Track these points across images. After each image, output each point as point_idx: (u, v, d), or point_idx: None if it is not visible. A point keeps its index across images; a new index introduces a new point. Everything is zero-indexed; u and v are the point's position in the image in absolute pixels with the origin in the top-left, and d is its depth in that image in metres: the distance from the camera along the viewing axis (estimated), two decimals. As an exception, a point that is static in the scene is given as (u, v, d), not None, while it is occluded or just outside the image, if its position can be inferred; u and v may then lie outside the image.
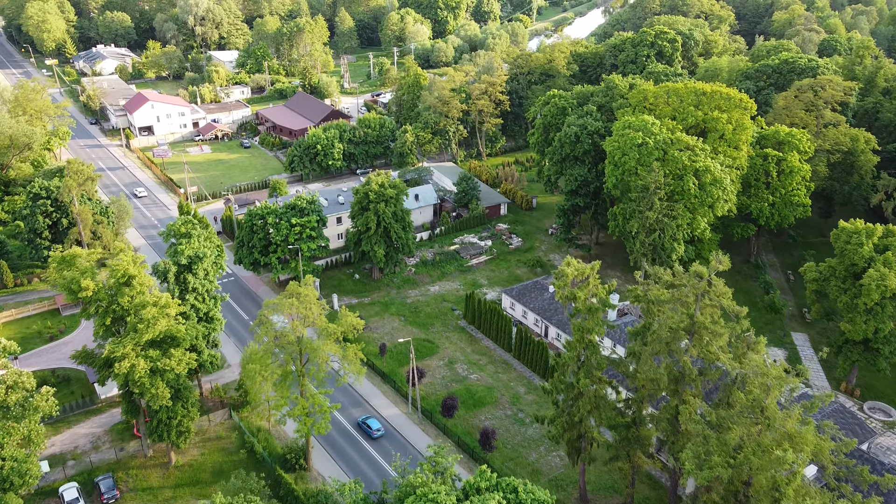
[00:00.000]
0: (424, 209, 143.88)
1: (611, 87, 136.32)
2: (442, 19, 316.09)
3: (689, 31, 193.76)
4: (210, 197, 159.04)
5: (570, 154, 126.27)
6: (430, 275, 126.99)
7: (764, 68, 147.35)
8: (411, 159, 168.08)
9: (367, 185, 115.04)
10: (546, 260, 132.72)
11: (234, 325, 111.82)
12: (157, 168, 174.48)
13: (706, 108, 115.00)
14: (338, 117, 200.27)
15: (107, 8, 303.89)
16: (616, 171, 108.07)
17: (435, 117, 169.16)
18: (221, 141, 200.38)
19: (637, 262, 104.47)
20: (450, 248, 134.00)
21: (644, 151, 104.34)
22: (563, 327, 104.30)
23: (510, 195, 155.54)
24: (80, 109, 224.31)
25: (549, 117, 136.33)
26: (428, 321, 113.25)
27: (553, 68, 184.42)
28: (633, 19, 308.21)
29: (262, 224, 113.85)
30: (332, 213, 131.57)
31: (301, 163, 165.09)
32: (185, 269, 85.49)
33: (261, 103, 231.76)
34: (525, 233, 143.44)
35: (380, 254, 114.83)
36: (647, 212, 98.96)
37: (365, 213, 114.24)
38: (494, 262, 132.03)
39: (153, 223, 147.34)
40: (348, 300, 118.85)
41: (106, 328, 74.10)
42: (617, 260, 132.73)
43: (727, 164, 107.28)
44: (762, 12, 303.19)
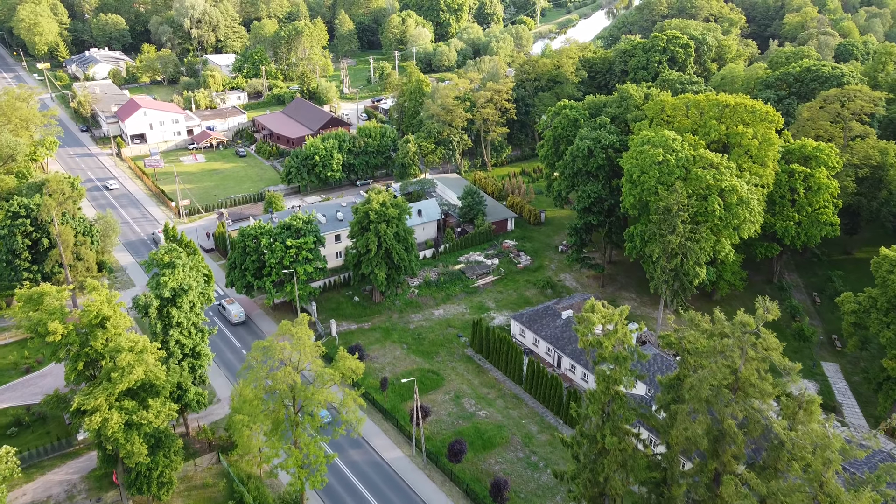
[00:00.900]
0: (428, 225, 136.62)
1: (625, 97, 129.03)
2: (444, 22, 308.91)
3: (702, 36, 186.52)
4: (203, 210, 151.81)
5: (583, 169, 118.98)
6: (434, 297, 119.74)
7: (785, 76, 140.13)
8: (413, 170, 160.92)
9: (368, 203, 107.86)
10: (556, 280, 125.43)
11: (224, 353, 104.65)
12: (149, 179, 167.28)
13: (729, 121, 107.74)
14: (337, 125, 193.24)
15: (101, 10, 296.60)
16: (634, 189, 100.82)
17: (438, 126, 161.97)
18: (216, 149, 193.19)
19: (657, 288, 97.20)
20: (455, 268, 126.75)
21: (665, 169, 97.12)
22: (578, 358, 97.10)
23: (517, 209, 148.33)
24: (71, 116, 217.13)
25: (560, 129, 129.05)
26: (432, 349, 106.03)
27: (561, 74, 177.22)
28: (641, 22, 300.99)
29: (256, 245, 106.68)
30: (330, 231, 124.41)
31: (298, 174, 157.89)
32: (169, 303, 78.25)
33: (258, 109, 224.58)
34: (533, 250, 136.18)
35: (381, 277, 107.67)
36: (669, 235, 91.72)
37: (365, 234, 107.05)
38: (502, 283, 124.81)
39: (142, 239, 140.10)
40: (347, 325, 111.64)
41: (78, 373, 66.94)
42: (631, 280, 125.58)
43: (753, 183, 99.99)
44: (772, 14, 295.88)
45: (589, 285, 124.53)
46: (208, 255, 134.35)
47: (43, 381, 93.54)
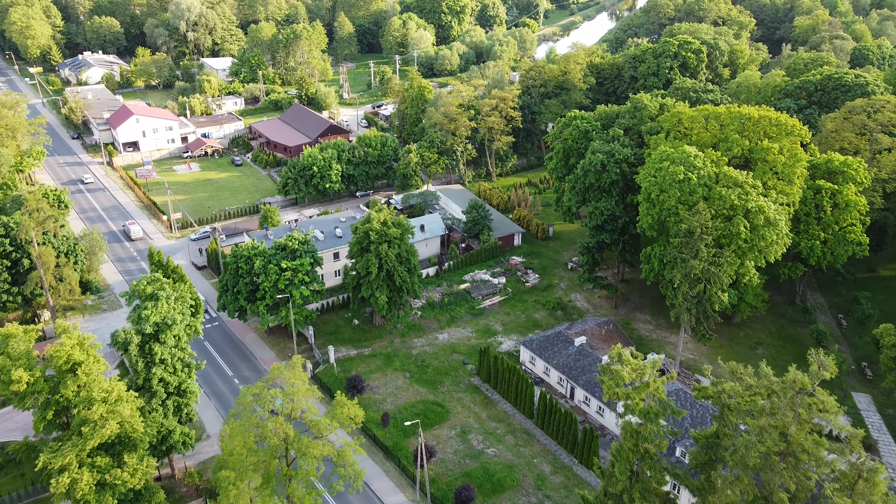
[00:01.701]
0: (431, 241, 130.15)
1: (638, 107, 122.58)
2: (446, 24, 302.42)
3: (714, 41, 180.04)
4: (195, 224, 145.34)
5: (595, 184, 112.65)
6: (438, 319, 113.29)
7: (805, 85, 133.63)
8: (415, 181, 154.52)
9: (367, 222, 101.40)
10: (567, 301, 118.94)
11: (215, 382, 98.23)
12: (140, 190, 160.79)
13: (752, 135, 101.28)
14: (336, 132, 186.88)
15: (95, 12, 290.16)
16: (652, 209, 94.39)
17: (441, 136, 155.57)
18: (211, 158, 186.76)
19: (679, 317, 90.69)
20: (459, 288, 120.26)
21: (686, 189, 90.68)
22: (593, 389, 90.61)
23: (524, 223, 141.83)
24: (62, 122, 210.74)
25: (570, 141, 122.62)
26: (437, 378, 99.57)
27: (568, 81, 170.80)
28: (647, 24, 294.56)
29: (249, 267, 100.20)
30: (328, 249, 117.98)
31: (296, 185, 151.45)
32: (151, 338, 71.81)
33: (255, 115, 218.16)
34: (542, 267, 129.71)
35: (382, 300, 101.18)
36: (692, 260, 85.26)
37: (365, 255, 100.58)
38: (509, 304, 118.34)
39: (132, 255, 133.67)
40: (346, 351, 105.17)
41: (48, 422, 60.54)
42: (645, 300, 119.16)
43: (780, 202, 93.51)
44: (781, 17, 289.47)
45: (601, 306, 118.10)
46: (200, 273, 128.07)
47: (18, 416, 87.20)
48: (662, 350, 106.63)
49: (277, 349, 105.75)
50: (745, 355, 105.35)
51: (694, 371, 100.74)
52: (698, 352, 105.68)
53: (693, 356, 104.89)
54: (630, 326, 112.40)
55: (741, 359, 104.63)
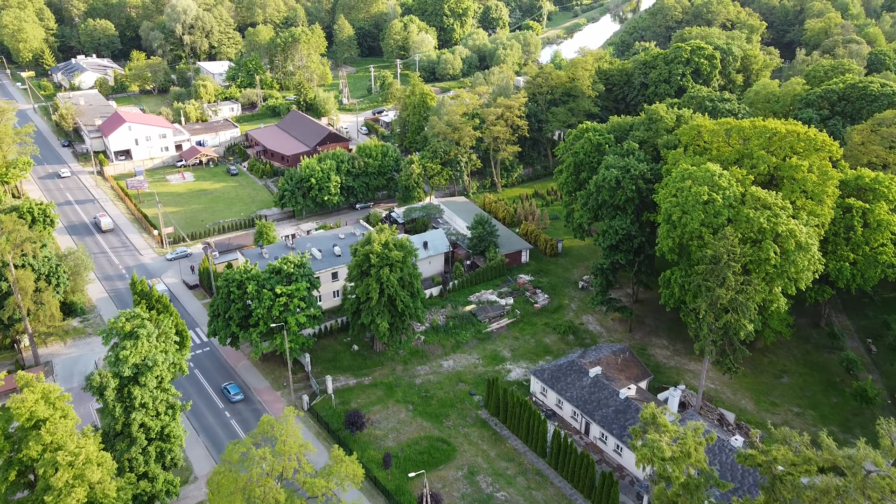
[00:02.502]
0: (434, 259, 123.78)
1: (654, 119, 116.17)
2: (448, 27, 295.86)
3: (727, 46, 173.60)
4: (187, 238, 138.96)
5: (609, 201, 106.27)
6: (443, 345, 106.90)
7: (827, 94, 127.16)
8: (418, 193, 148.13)
9: (368, 244, 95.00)
10: (578, 324, 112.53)
11: (204, 415, 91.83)
12: (132, 201, 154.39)
13: (779, 151, 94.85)
14: (335, 140, 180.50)
15: (90, 15, 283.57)
16: (673, 232, 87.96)
17: (445, 145, 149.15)
18: (206, 167, 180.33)
19: (703, 349, 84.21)
20: (465, 310, 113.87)
21: (710, 211, 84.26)
22: (609, 426, 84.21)
23: (531, 238, 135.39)
24: (53, 129, 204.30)
25: (582, 154, 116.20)
26: (441, 411, 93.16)
27: (576, 88, 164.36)
28: (653, 27, 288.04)
29: (241, 292, 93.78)
30: (326, 269, 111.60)
31: (293, 198, 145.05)
32: (130, 381, 65.46)
33: (252, 122, 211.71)
34: (551, 286, 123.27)
35: (383, 327, 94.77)
36: (718, 289, 78.82)
37: (365, 280, 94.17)
38: (518, 327, 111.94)
39: (121, 273, 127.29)
40: (345, 381, 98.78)
41: (11, 483, 54.16)
42: (661, 323, 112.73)
43: (812, 224, 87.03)
44: (791, 20, 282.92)
45: (615, 329, 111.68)
46: (192, 292, 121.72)
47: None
48: (681, 378, 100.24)
49: (272, 378, 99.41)
50: (769, 385, 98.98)
51: (717, 404, 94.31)
52: (720, 380, 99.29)
53: (714, 385, 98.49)
54: (646, 352, 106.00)
55: (765, 388, 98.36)
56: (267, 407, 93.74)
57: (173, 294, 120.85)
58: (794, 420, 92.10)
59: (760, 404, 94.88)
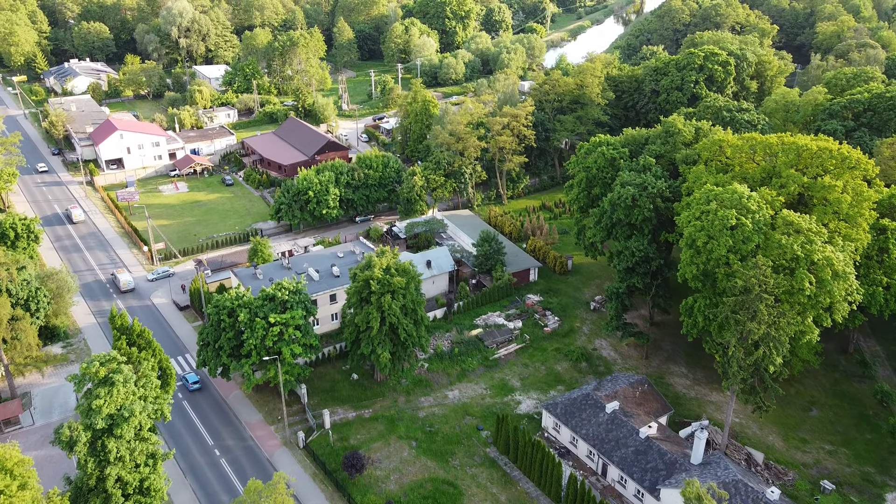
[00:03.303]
0: (438, 278, 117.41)
1: (671, 132, 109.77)
2: (450, 30, 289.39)
3: (741, 51, 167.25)
4: (179, 254, 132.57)
5: (625, 220, 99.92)
6: (448, 373, 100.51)
7: (852, 104, 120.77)
8: (420, 206, 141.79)
9: (368, 268, 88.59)
10: (591, 350, 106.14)
11: (192, 454, 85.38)
12: (122, 214, 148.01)
13: (810, 169, 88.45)
14: (335, 149, 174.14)
15: (84, 17, 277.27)
16: (697, 258, 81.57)
17: (448, 156, 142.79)
18: (201, 176, 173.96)
19: (732, 387, 77.79)
20: (471, 334, 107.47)
21: (739, 236, 77.89)
22: (629, 468, 77.87)
23: (540, 254, 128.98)
24: (43, 136, 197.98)
25: (595, 169, 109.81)
26: (447, 448, 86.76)
27: (585, 96, 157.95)
28: (660, 30, 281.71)
29: (232, 321, 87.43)
30: (323, 291, 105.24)
31: (289, 211, 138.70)
32: (105, 433, 59.10)
33: (248, 129, 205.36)
34: (561, 307, 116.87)
35: (384, 358, 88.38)
36: (750, 323, 72.42)
37: (365, 308, 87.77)
38: (527, 353, 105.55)
39: (108, 292, 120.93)
40: (344, 413, 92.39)
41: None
42: (679, 348, 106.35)
43: (847, 250, 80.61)
44: (801, 23, 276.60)
45: (630, 356, 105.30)
46: (182, 314, 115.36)
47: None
48: (703, 410, 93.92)
49: (265, 411, 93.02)
50: (797, 418, 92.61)
51: (743, 440, 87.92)
52: (744, 413, 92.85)
53: (739, 419, 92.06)
54: (664, 381, 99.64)
55: (794, 422, 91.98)
56: (260, 444, 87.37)
57: (162, 315, 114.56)
58: (826, 459, 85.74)
59: (789, 441, 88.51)
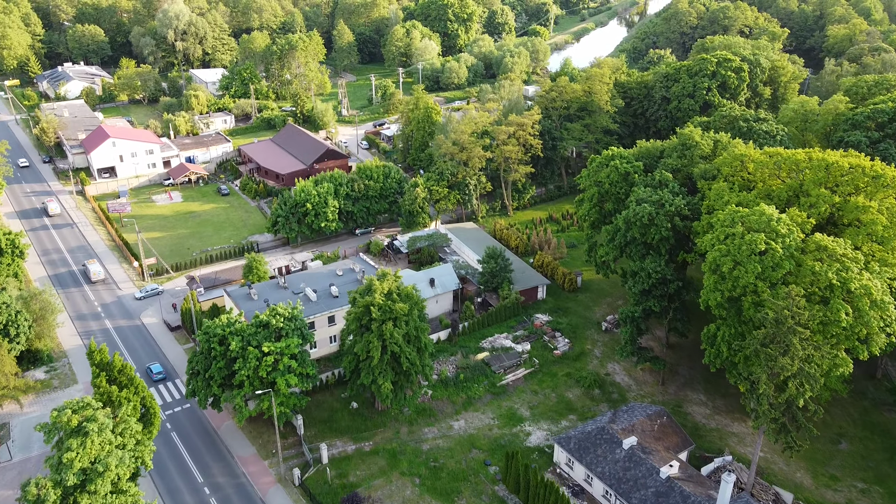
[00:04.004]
0: (442, 297, 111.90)
1: (688, 144, 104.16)
2: (452, 33, 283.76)
3: (754, 57, 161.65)
4: (170, 270, 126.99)
5: (640, 239, 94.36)
6: (453, 401, 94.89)
7: (876, 114, 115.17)
8: (422, 219, 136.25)
9: (369, 293, 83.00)
10: (604, 375, 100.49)
11: (179, 491, 79.84)
12: (113, 226, 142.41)
13: (841, 188, 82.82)
14: (334, 157, 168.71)
15: (79, 20, 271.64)
16: (722, 284, 75.95)
17: (452, 167, 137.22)
18: (196, 185, 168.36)
19: (762, 426, 72.15)
20: (477, 358, 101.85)
21: (769, 262, 72.26)
22: (650, 511, 72.32)
23: (548, 270, 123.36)
24: (34, 143, 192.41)
25: (607, 184, 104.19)
26: (453, 486, 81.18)
27: (593, 103, 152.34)
28: (667, 33, 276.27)
29: (223, 349, 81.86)
30: (321, 312, 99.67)
31: (287, 224, 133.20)
32: (77, 489, 53.50)
33: (245, 135, 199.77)
34: (571, 327, 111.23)
35: (386, 388, 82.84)
36: (782, 358, 66.81)
37: (365, 336, 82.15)
38: (536, 379, 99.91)
39: (96, 311, 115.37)
40: (342, 446, 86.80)
41: None
42: (696, 373, 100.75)
43: (885, 276, 74.93)
44: (811, 26, 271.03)
45: (645, 381, 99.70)
46: (173, 334, 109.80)
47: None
48: (725, 443, 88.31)
49: (259, 443, 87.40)
50: (826, 452, 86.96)
51: (769, 478, 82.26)
52: (769, 447, 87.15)
53: (763, 453, 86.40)
54: (682, 410, 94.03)
55: (822, 457, 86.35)
56: (253, 481, 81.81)
57: (152, 336, 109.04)
58: (859, 499, 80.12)
59: (818, 478, 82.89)
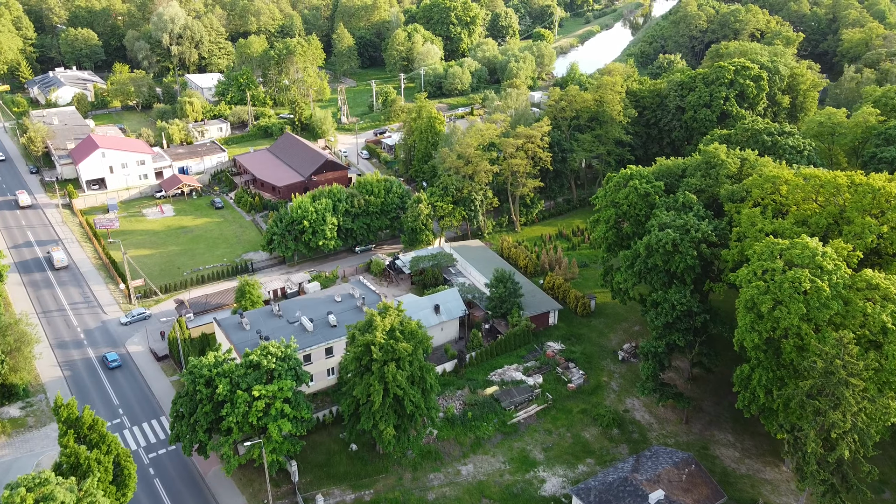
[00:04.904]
0: (448, 324, 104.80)
1: (713, 163, 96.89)
2: (455, 36, 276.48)
3: (773, 64, 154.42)
4: (159, 292, 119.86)
5: (662, 267, 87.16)
6: (460, 442, 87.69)
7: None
8: (426, 236, 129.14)
9: (369, 330, 75.80)
10: (623, 412, 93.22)
11: (163, 552, 72.84)
12: (100, 244, 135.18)
13: (887, 215, 75.60)
14: (333, 168, 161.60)
15: (72, 23, 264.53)
16: (760, 324, 68.76)
17: (457, 181, 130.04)
18: (188, 198, 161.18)
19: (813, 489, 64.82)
20: (485, 393, 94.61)
21: (814, 303, 65.02)
22: (680, 578, 65.12)
23: (559, 293, 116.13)
24: (23, 152, 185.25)
25: (626, 206, 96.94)
26: (461, 543, 74.09)
27: (604, 113, 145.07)
28: (675, 37, 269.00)
29: (210, 392, 74.69)
30: (319, 344, 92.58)
31: (283, 242, 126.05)
32: (33, 580, 46.36)
33: (241, 144, 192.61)
34: (585, 357, 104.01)
35: (388, 434, 75.75)
36: (833, 413, 59.62)
37: (365, 378, 74.97)
38: (550, 416, 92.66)
39: (78, 338, 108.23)
40: (341, 495, 79.64)
41: None
42: (723, 409, 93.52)
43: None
44: (824, 29, 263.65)
45: (667, 419, 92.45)
46: (160, 364, 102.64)
47: None
48: (758, 492, 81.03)
49: (250, 492, 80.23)
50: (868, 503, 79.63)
51: (808, 535, 75.12)
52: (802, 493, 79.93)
53: (796, 500, 79.19)
54: (709, 453, 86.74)
55: (864, 508, 78.99)
56: (242, 536, 74.68)
57: (137, 366, 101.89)
58: (909, 560, 72.92)
59: (862, 534, 75.66)
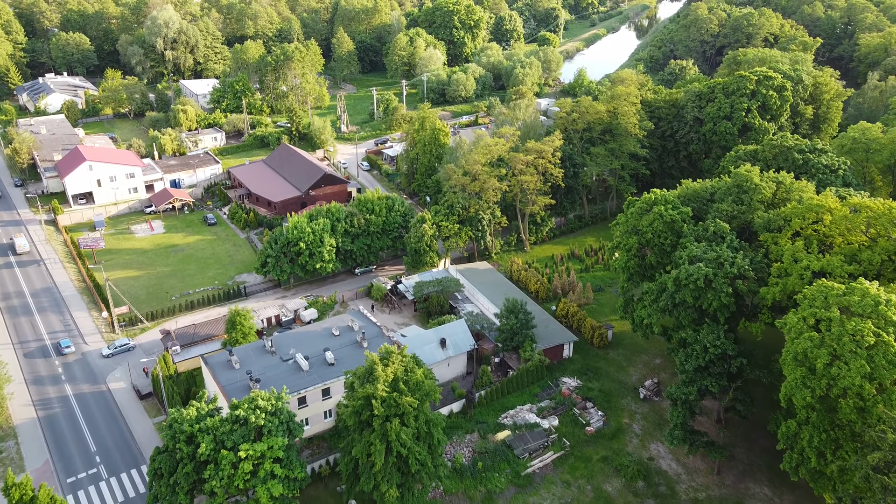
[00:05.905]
0: (455, 360, 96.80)
1: (745, 187, 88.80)
2: (458, 41, 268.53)
3: (795, 73, 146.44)
4: (144, 320, 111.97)
5: (692, 304, 79.16)
6: (470, 496, 79.71)
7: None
8: (430, 258, 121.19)
9: (370, 380, 67.79)
10: (648, 459, 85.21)
11: None
12: (84, 265, 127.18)
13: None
14: (332, 182, 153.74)
15: (64, 27, 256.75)
16: (814, 381, 60.69)
17: (463, 199, 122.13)
18: (180, 213, 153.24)
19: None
20: (496, 439, 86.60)
21: (880, 359, 56.97)
22: None
23: (574, 322, 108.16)
24: (8, 163, 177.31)
25: (650, 234, 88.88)
26: None
27: (619, 125, 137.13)
28: (686, 41, 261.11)
29: (192, 450, 66.72)
30: (314, 385, 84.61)
31: (277, 265, 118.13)
32: None
33: (236, 154, 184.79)
34: (604, 395, 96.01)
35: (391, 496, 67.78)
36: (903, 492, 51.69)
37: (365, 434, 66.99)
38: (567, 465, 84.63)
39: (56, 372, 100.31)
40: (338, 561, 71.71)
41: None
42: (756, 456, 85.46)
43: None
44: (839, 34, 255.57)
45: (697, 469, 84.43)
46: (142, 404, 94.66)
47: None
48: (800, 557, 73.09)
49: (237, 557, 72.29)
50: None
51: None
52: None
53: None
54: (743, 508, 78.82)
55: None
56: None
57: (118, 406, 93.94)
58: None
59: None
